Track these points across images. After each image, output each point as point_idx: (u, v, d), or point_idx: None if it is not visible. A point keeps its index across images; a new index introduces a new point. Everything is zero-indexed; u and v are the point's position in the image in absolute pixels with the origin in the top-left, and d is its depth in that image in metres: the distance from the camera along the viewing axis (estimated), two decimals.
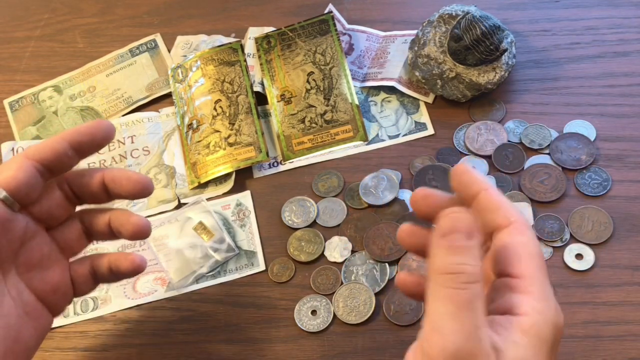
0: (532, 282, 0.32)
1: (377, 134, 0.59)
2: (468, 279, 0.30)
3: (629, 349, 0.46)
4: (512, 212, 0.34)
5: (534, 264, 0.33)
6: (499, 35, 0.57)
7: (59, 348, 0.51)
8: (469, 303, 0.30)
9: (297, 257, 0.53)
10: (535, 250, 0.33)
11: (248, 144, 0.58)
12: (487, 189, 0.34)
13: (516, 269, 0.33)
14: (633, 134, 0.56)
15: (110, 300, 0.53)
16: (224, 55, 0.62)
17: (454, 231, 0.30)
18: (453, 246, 0.30)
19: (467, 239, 0.30)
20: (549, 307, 0.33)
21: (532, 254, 0.33)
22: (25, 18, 0.72)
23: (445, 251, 0.30)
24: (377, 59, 0.63)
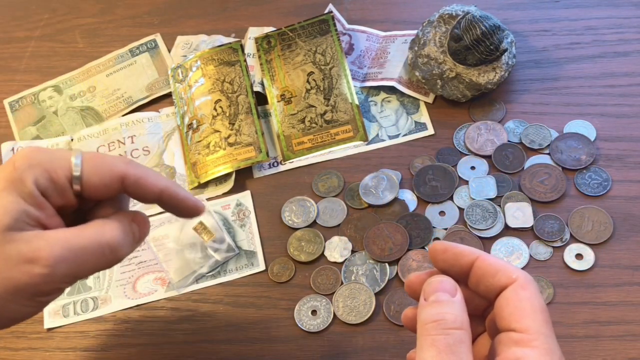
0: (537, 336, 0.33)
1: (377, 134, 0.59)
2: (448, 325, 0.33)
3: (629, 349, 0.46)
4: (513, 270, 0.34)
5: (539, 318, 0.33)
6: (499, 35, 0.57)
7: (59, 348, 0.51)
8: (450, 347, 0.32)
9: (297, 257, 0.53)
10: (539, 304, 0.34)
11: (248, 144, 0.58)
12: (479, 255, 0.35)
13: (521, 324, 0.33)
14: (633, 134, 0.56)
15: (110, 300, 0.53)
16: (224, 55, 0.62)
17: (436, 290, 0.34)
18: (435, 301, 0.33)
19: (449, 295, 0.34)
20: None
21: (536, 308, 0.33)
22: (25, 18, 0.72)
23: (429, 306, 0.33)
24: (377, 59, 0.63)
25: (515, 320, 0.33)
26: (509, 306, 0.34)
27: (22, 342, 0.52)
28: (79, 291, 0.53)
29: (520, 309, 0.33)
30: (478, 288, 0.35)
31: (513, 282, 0.34)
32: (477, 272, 0.35)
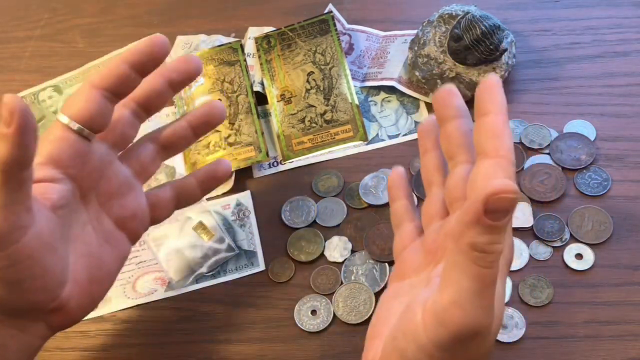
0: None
1: (377, 133, 0.59)
2: (497, 258, 0.30)
3: (629, 348, 0.46)
4: (504, 147, 0.33)
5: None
6: (499, 35, 0.57)
7: (59, 348, 0.51)
8: (493, 281, 0.31)
9: (297, 257, 0.53)
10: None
11: (248, 143, 0.58)
12: (498, 114, 0.34)
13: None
14: (633, 134, 0.56)
15: (110, 300, 0.53)
16: (224, 55, 0.62)
17: (498, 210, 0.29)
18: (492, 225, 0.29)
19: (507, 216, 0.29)
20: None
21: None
22: (25, 18, 0.72)
23: (484, 229, 0.29)
24: (377, 58, 0.63)
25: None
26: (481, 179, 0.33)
27: None
28: None
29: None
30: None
31: (495, 157, 0.33)
32: (484, 124, 0.34)
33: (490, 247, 0.30)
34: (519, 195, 0.29)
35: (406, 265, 0.40)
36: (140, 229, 0.46)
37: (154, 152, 0.46)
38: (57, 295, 0.39)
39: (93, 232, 0.42)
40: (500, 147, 0.33)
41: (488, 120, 0.34)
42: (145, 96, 0.44)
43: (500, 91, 0.35)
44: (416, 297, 0.35)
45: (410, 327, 0.33)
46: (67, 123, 0.40)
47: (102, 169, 0.43)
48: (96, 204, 0.43)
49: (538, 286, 0.49)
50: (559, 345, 0.47)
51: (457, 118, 0.38)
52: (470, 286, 0.30)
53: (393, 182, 0.44)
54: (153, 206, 0.46)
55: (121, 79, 0.40)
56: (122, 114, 0.43)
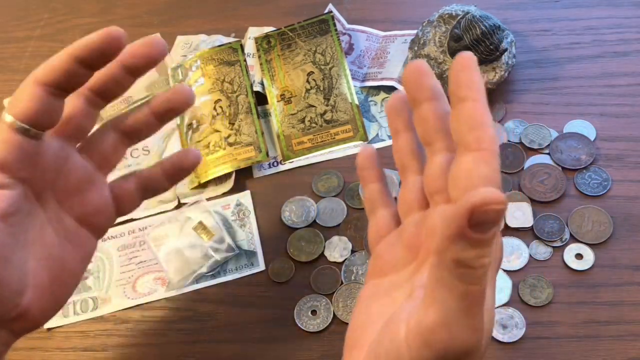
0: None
1: (377, 133, 0.59)
2: (484, 273, 0.27)
3: (628, 349, 0.46)
4: (486, 139, 0.30)
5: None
6: (499, 35, 0.57)
7: (59, 348, 0.51)
8: (481, 298, 0.28)
9: (297, 257, 0.53)
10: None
11: (248, 143, 0.58)
12: (477, 100, 0.30)
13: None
14: (633, 134, 0.56)
15: (110, 300, 0.53)
16: (224, 55, 0.62)
17: (485, 222, 0.25)
18: (478, 239, 0.26)
19: (495, 228, 0.26)
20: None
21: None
22: (25, 18, 0.72)
23: (469, 243, 0.26)
24: (377, 58, 0.63)
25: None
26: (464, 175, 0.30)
27: (21, 342, 0.52)
28: (79, 291, 0.53)
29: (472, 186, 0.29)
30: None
31: (478, 149, 0.29)
32: (462, 111, 0.30)
33: (478, 261, 0.26)
34: (507, 204, 0.25)
35: (384, 260, 0.37)
36: (105, 223, 0.43)
37: (116, 141, 0.43)
38: (16, 304, 0.37)
39: (53, 232, 0.40)
40: (482, 139, 0.29)
41: (467, 108, 0.30)
42: (100, 84, 0.40)
43: (477, 71, 0.30)
44: (398, 310, 0.32)
45: (393, 345, 0.30)
46: (11, 122, 0.36)
47: (57, 166, 0.40)
48: (54, 203, 0.40)
49: (538, 286, 0.49)
50: (559, 345, 0.47)
51: (432, 100, 0.34)
52: (456, 305, 0.27)
53: (363, 163, 0.40)
54: (118, 198, 0.43)
55: (67, 74, 0.37)
56: (76, 104, 0.40)
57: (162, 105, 0.43)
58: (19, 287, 0.37)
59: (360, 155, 0.40)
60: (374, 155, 0.40)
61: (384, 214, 0.39)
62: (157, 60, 0.40)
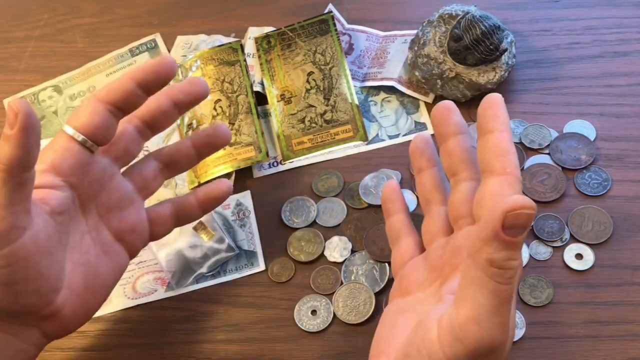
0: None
1: (377, 134, 0.59)
2: (514, 274, 0.30)
3: (629, 349, 0.46)
4: (511, 164, 0.34)
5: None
6: (499, 35, 0.57)
7: (59, 348, 0.51)
8: (510, 298, 0.31)
9: (297, 257, 0.53)
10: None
11: (248, 143, 0.58)
12: (502, 131, 0.34)
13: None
14: (633, 134, 0.56)
15: (110, 300, 0.53)
16: (224, 55, 0.62)
17: (516, 226, 0.29)
18: (510, 242, 0.29)
19: (525, 232, 0.30)
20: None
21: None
22: (25, 18, 0.72)
23: (501, 245, 0.30)
24: (377, 58, 0.63)
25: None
26: (490, 198, 0.34)
27: None
28: None
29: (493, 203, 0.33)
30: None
31: (504, 174, 0.34)
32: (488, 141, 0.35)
33: (508, 263, 0.30)
34: (536, 211, 0.29)
35: (410, 281, 0.40)
36: (139, 243, 0.46)
37: (156, 170, 0.47)
38: (51, 300, 0.39)
39: (91, 242, 0.43)
40: (507, 165, 0.34)
41: (493, 138, 0.34)
42: (150, 115, 0.45)
43: (503, 108, 0.35)
44: (428, 313, 0.35)
45: (425, 343, 0.33)
46: (71, 134, 0.40)
47: (103, 181, 0.43)
48: (96, 215, 0.44)
49: (538, 286, 0.49)
50: (559, 345, 0.47)
51: (458, 134, 0.39)
52: (487, 302, 0.30)
53: (387, 196, 0.44)
54: (153, 222, 0.47)
55: (127, 95, 0.41)
56: (126, 130, 0.44)
57: (204, 140, 0.47)
58: (55, 284, 0.39)
59: (386, 189, 0.44)
60: (398, 189, 0.44)
61: (407, 242, 0.42)
62: (201, 99, 0.45)
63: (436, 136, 0.40)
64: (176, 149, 0.47)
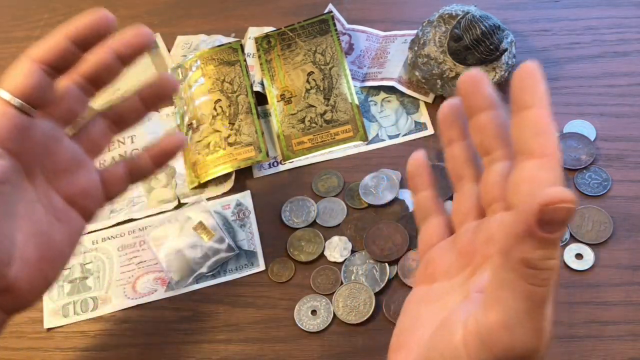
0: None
1: (377, 134, 0.59)
2: (551, 275, 0.27)
3: (629, 349, 0.46)
4: (551, 145, 0.29)
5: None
6: (499, 35, 0.57)
7: (59, 348, 0.51)
8: (545, 301, 0.28)
9: (297, 257, 0.53)
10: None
11: (248, 143, 0.58)
12: (542, 107, 0.30)
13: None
14: (633, 134, 0.56)
15: (110, 300, 0.53)
16: (224, 55, 0.62)
17: (554, 221, 0.25)
18: (547, 239, 0.26)
19: (564, 228, 0.26)
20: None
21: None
22: (25, 18, 0.72)
23: (537, 243, 0.26)
24: (377, 58, 0.63)
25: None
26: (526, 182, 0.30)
27: (22, 342, 0.52)
28: (79, 291, 0.53)
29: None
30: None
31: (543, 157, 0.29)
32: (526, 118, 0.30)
33: (544, 263, 0.27)
34: (576, 203, 0.25)
35: (435, 265, 0.37)
36: (93, 206, 0.44)
37: (104, 128, 0.45)
38: (3, 274, 0.38)
39: (42, 210, 0.41)
40: (547, 145, 0.29)
41: (531, 115, 0.30)
42: (93, 70, 0.42)
43: (541, 80, 0.30)
44: (453, 312, 0.32)
45: (449, 347, 0.30)
46: (8, 99, 0.38)
47: (47, 145, 0.41)
48: (43, 181, 0.42)
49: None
50: (559, 345, 0.47)
51: (491, 108, 0.35)
52: (520, 306, 0.27)
53: (414, 170, 0.39)
54: (106, 182, 0.45)
55: (62, 53, 0.39)
56: (68, 89, 0.42)
57: (151, 91, 0.45)
58: (5, 257, 0.38)
59: (411, 163, 0.40)
60: (425, 161, 0.39)
61: (436, 222, 0.39)
62: (145, 49, 0.42)
63: (465, 109, 0.35)
64: (122, 104, 0.45)
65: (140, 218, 0.57)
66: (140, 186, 0.58)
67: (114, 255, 0.55)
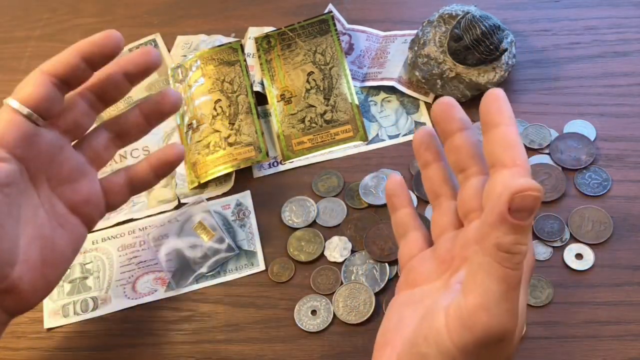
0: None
1: (377, 134, 0.59)
2: (522, 259, 0.30)
3: (629, 349, 0.46)
4: (520, 157, 0.33)
5: None
6: (499, 35, 0.57)
7: (59, 348, 0.51)
8: (518, 284, 0.31)
9: (297, 257, 0.53)
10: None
11: (248, 143, 0.58)
12: (509, 125, 0.34)
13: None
14: (633, 134, 0.56)
15: (110, 300, 0.53)
16: (224, 55, 0.62)
17: (523, 209, 0.29)
18: (518, 225, 0.29)
19: (532, 215, 0.29)
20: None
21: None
22: (25, 18, 0.72)
23: (509, 229, 0.29)
24: (377, 58, 0.63)
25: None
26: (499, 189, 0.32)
27: (22, 342, 0.52)
28: (79, 291, 0.54)
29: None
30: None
31: (513, 166, 0.33)
32: (495, 135, 0.34)
33: (516, 247, 0.30)
34: (542, 193, 0.29)
35: (416, 273, 0.40)
36: (95, 214, 0.46)
37: (107, 140, 0.47)
38: (6, 274, 0.39)
39: (45, 215, 0.43)
40: (517, 157, 0.33)
41: (500, 132, 0.34)
42: (101, 86, 0.44)
43: (506, 102, 0.34)
44: (435, 302, 0.34)
45: (432, 332, 0.33)
46: (16, 108, 0.40)
47: (52, 153, 0.43)
48: (47, 188, 0.43)
49: (538, 286, 0.49)
50: (559, 345, 0.47)
51: (464, 130, 0.38)
52: (496, 288, 0.30)
53: (392, 190, 0.43)
54: (108, 192, 0.47)
55: (71, 68, 0.41)
56: (76, 103, 0.44)
57: (151, 107, 0.47)
58: (9, 257, 0.40)
59: (390, 183, 0.43)
60: (403, 182, 0.43)
61: (415, 236, 0.42)
62: (152, 69, 0.44)
63: (439, 133, 0.39)
64: (125, 118, 0.47)
65: (140, 218, 0.57)
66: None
67: (114, 255, 0.55)
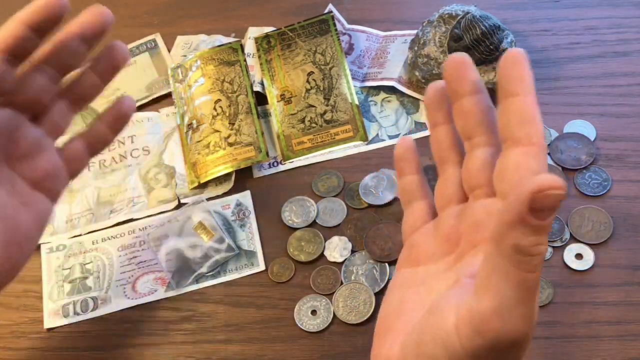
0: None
1: (377, 133, 0.59)
2: (541, 261, 0.27)
3: (629, 349, 0.46)
4: (537, 133, 0.30)
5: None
6: (499, 35, 0.57)
7: (59, 348, 0.51)
8: (536, 287, 0.28)
9: (297, 257, 0.53)
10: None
11: (248, 143, 0.58)
12: (528, 95, 0.31)
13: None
14: (633, 134, 0.56)
15: (110, 300, 0.53)
16: (224, 55, 0.62)
17: (545, 208, 0.26)
18: (538, 225, 0.26)
19: (554, 214, 0.26)
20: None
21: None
22: None
23: (529, 229, 0.26)
24: (377, 58, 0.63)
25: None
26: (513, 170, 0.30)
27: (22, 342, 0.52)
28: (79, 291, 0.53)
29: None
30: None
31: (529, 145, 0.30)
32: (513, 106, 0.31)
33: (535, 248, 0.27)
34: (566, 190, 0.25)
35: (419, 249, 0.37)
36: (58, 186, 0.44)
37: (64, 108, 0.44)
38: None
39: (5, 195, 0.41)
40: (533, 134, 0.30)
41: (517, 102, 0.31)
42: (56, 56, 0.42)
43: (527, 67, 0.31)
44: (443, 298, 0.32)
45: (441, 333, 0.30)
46: None
47: (8, 132, 0.41)
48: (6, 167, 0.42)
49: None
50: (559, 345, 0.47)
51: (475, 93, 0.34)
52: (512, 293, 0.28)
53: (401, 154, 0.39)
54: (68, 161, 0.45)
55: (18, 39, 0.39)
56: (33, 78, 0.41)
57: (103, 65, 0.44)
58: None
59: (399, 146, 0.39)
60: (413, 146, 0.39)
61: (420, 206, 0.39)
62: (106, 27, 0.42)
63: (449, 93, 0.35)
64: (79, 82, 0.44)
65: (140, 218, 0.57)
66: (140, 186, 0.58)
67: (114, 255, 0.55)
